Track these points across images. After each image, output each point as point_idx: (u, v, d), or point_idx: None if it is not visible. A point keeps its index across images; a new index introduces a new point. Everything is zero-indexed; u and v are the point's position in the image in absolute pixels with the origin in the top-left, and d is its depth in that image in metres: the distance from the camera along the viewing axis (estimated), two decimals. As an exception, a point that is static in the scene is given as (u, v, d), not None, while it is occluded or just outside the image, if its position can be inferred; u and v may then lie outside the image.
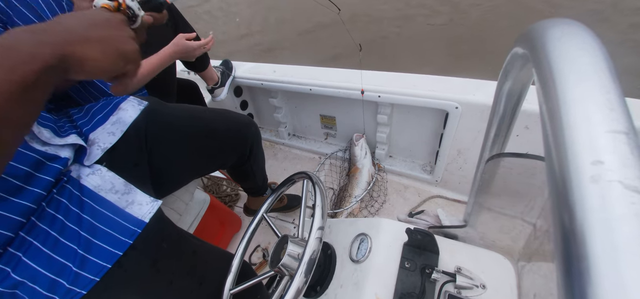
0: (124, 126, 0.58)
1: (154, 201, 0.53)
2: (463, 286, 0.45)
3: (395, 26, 2.97)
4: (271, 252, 0.52)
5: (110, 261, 0.46)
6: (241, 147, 0.83)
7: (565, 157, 0.17)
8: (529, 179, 0.42)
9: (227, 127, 0.79)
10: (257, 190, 1.04)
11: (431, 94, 1.03)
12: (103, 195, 0.50)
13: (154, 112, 0.65)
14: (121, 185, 0.52)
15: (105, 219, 0.48)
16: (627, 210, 0.14)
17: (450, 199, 1.21)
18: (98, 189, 0.50)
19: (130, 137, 0.58)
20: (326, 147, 1.54)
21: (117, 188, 0.51)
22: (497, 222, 0.53)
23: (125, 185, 0.52)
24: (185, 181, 0.80)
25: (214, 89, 1.36)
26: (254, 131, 0.87)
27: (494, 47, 2.40)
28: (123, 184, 0.52)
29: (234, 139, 0.81)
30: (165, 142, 0.65)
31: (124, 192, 0.52)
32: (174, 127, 0.68)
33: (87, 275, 0.44)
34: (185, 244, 0.59)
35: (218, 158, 0.80)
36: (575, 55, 0.20)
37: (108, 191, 0.50)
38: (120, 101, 0.62)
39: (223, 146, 0.79)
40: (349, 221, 0.65)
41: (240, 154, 0.84)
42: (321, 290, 0.57)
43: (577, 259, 0.14)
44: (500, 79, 0.38)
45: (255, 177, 0.95)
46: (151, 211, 0.51)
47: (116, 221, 0.48)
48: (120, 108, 0.60)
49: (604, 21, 2.36)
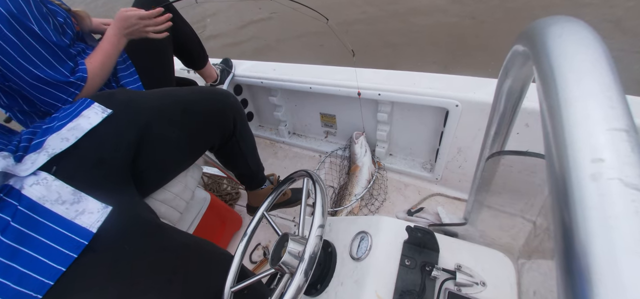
0: (80, 132, 0.55)
1: (105, 208, 0.51)
2: (463, 283, 0.45)
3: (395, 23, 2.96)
4: (272, 250, 0.53)
5: (53, 277, 0.44)
6: (222, 119, 0.81)
7: (565, 154, 0.17)
8: (529, 176, 0.42)
9: (203, 99, 0.76)
10: (252, 178, 1.02)
11: (431, 92, 1.03)
12: (48, 206, 0.47)
13: (128, 102, 0.63)
14: (69, 194, 0.49)
15: (48, 232, 0.46)
16: (627, 208, 0.14)
17: (451, 197, 1.21)
18: (42, 200, 0.47)
19: (92, 140, 0.56)
20: (326, 145, 1.54)
21: (64, 198, 0.49)
22: (497, 220, 0.53)
23: (73, 194, 0.50)
24: (172, 170, 0.78)
25: (213, 86, 1.36)
26: (233, 101, 0.84)
27: (495, 45, 2.39)
28: (71, 192, 0.49)
29: (213, 112, 0.78)
30: (143, 126, 0.64)
31: (72, 201, 0.49)
32: (148, 107, 0.66)
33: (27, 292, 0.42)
34: (168, 241, 0.57)
35: (200, 137, 0.78)
36: (576, 52, 0.20)
37: (54, 202, 0.48)
38: (84, 108, 0.59)
39: (203, 122, 0.77)
40: (349, 219, 0.65)
41: (224, 129, 0.82)
42: (321, 288, 0.57)
43: (577, 256, 0.14)
44: (500, 76, 0.38)
45: (246, 159, 0.94)
46: (100, 219, 0.49)
47: (61, 234, 0.46)
48: (81, 115, 0.58)
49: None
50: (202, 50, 1.24)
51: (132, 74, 0.94)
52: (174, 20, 1.10)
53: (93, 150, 0.56)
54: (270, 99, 1.50)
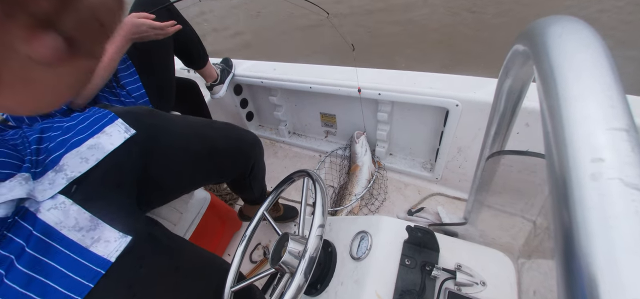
0: (101, 153, 0.52)
1: (123, 237, 0.49)
2: (463, 283, 0.45)
3: (394, 22, 2.96)
4: (272, 250, 0.53)
5: None
6: (244, 166, 0.81)
7: (565, 154, 0.17)
8: (529, 176, 0.42)
9: (231, 146, 0.76)
10: (253, 201, 1.02)
11: (431, 92, 1.02)
12: (64, 233, 0.44)
13: (153, 127, 0.61)
14: (86, 221, 0.47)
15: (64, 259, 0.44)
16: (627, 208, 0.14)
17: (451, 197, 1.21)
18: (59, 225, 0.44)
19: (111, 161, 0.53)
20: (326, 145, 1.54)
21: (81, 224, 0.46)
22: (497, 220, 0.53)
23: (91, 220, 0.47)
24: (180, 194, 0.76)
25: (212, 86, 1.36)
26: (258, 151, 0.84)
27: (495, 44, 2.39)
28: (89, 219, 0.47)
29: (237, 158, 0.78)
30: (164, 159, 0.62)
31: (89, 228, 0.46)
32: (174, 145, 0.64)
33: None
34: (177, 258, 0.56)
35: (218, 174, 0.78)
36: (576, 52, 0.20)
37: (70, 228, 0.45)
38: (107, 123, 0.56)
39: (225, 163, 0.76)
40: (349, 219, 0.65)
41: (241, 171, 0.82)
42: (322, 288, 0.57)
43: (577, 256, 0.14)
44: (500, 76, 0.38)
45: (252, 190, 0.94)
46: (119, 248, 0.47)
47: (77, 262, 0.44)
48: (104, 131, 0.54)
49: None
50: (202, 50, 1.24)
51: (133, 74, 0.94)
52: (174, 19, 1.10)
53: (112, 172, 0.53)
54: (270, 98, 1.50)
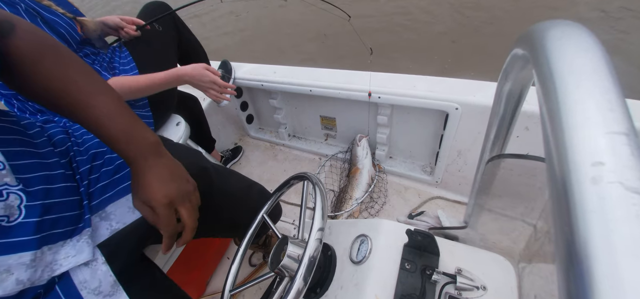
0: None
1: None
2: (463, 287, 0.45)
3: (396, 26, 2.97)
4: (271, 253, 0.52)
5: None
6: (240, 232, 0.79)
7: (565, 158, 0.17)
8: (530, 180, 0.42)
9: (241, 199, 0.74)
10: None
11: (431, 95, 1.03)
12: (84, 295, 0.42)
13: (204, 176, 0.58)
14: (108, 286, 0.44)
15: None
16: (628, 212, 0.14)
17: (451, 201, 1.21)
18: (81, 285, 0.42)
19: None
20: (326, 148, 1.54)
21: (102, 288, 0.43)
22: (497, 224, 0.53)
23: (112, 286, 0.44)
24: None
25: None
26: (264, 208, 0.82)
27: (494, 48, 2.40)
28: (111, 284, 0.44)
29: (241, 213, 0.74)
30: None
31: (107, 293, 0.44)
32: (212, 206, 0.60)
33: None
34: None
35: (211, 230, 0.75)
36: (575, 56, 0.20)
37: (91, 291, 0.42)
38: None
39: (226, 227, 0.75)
40: (349, 222, 0.65)
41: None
42: (321, 292, 0.56)
43: (578, 260, 0.14)
44: (500, 80, 0.38)
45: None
46: None
47: None
48: None
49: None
50: (205, 60, 1.25)
51: None
52: (178, 28, 1.11)
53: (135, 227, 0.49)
54: (270, 101, 1.50)
